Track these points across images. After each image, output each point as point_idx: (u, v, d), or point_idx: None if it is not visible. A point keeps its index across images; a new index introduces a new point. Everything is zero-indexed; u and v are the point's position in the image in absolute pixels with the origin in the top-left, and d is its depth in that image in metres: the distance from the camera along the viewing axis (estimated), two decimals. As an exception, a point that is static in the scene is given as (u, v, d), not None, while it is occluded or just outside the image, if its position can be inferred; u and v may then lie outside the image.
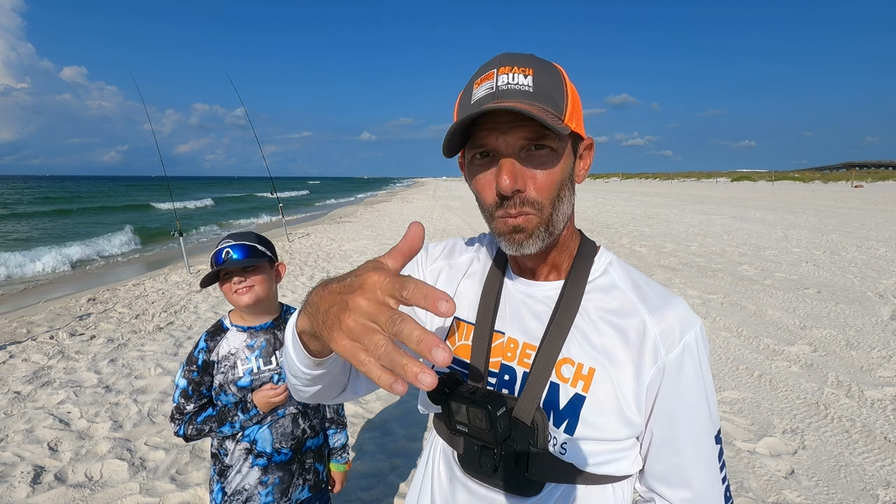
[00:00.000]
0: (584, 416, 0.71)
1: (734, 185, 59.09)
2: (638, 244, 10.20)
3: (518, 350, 0.77)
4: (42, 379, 3.95)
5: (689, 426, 0.73)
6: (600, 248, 0.83)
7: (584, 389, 0.72)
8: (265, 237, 1.54)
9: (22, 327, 5.35)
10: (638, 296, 0.76)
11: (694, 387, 0.73)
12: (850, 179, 55.61)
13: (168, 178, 8.81)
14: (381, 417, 3.35)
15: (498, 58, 0.71)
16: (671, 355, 0.72)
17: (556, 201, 0.71)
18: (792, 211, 18.10)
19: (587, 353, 0.73)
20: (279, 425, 1.51)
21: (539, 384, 0.73)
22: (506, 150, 0.69)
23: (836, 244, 9.87)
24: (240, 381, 1.47)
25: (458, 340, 0.83)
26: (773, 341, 4.59)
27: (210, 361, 1.48)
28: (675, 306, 0.75)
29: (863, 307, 5.61)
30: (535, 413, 0.72)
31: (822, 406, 3.41)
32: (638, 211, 18.73)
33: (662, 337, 0.72)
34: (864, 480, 2.64)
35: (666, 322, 0.73)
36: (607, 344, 0.73)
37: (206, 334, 1.51)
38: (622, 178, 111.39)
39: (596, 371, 0.72)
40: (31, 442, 3.05)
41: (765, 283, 6.77)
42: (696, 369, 0.73)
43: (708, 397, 0.74)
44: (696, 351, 0.73)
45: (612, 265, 0.81)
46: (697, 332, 0.74)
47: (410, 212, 19.59)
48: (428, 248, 0.93)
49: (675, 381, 0.72)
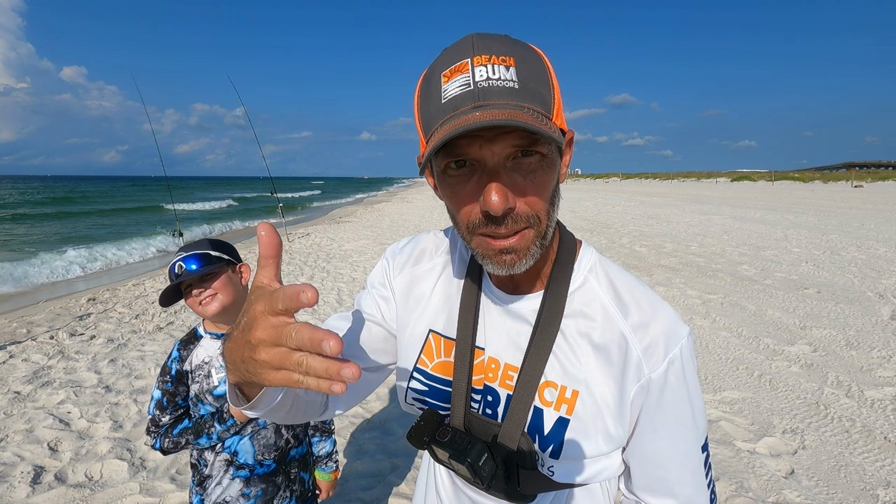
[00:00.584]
0: (568, 438, 0.70)
1: (734, 185, 59.11)
2: (638, 244, 10.20)
3: (500, 371, 0.75)
4: (42, 379, 3.95)
5: (673, 441, 0.71)
6: (581, 248, 0.77)
7: (568, 412, 0.70)
8: (222, 241, 1.49)
9: (22, 327, 5.35)
10: (620, 310, 0.72)
11: (678, 402, 0.70)
12: (850, 179, 55.62)
13: (168, 178, 8.81)
14: (381, 417, 3.35)
15: (469, 41, 0.59)
16: (655, 374, 0.69)
17: (549, 211, 0.64)
18: (792, 211, 18.10)
19: (569, 375, 0.71)
20: (261, 436, 1.44)
21: (523, 410, 0.71)
22: (491, 160, 0.59)
23: (836, 244, 9.87)
24: (216, 391, 1.41)
25: (436, 357, 0.79)
26: (773, 341, 4.59)
27: (183, 371, 1.43)
28: (660, 318, 0.71)
29: (863, 307, 5.61)
30: (521, 439, 0.70)
31: (822, 406, 3.41)
32: (638, 211, 18.73)
33: (646, 355, 0.69)
34: (864, 480, 2.64)
35: (650, 338, 0.70)
36: (590, 365, 0.71)
37: (178, 343, 1.46)
38: (622, 178, 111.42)
39: (579, 393, 0.70)
40: (31, 442, 3.05)
41: (765, 282, 6.77)
42: (681, 384, 0.70)
43: (693, 410, 0.72)
44: (682, 366, 0.70)
45: (592, 272, 0.75)
46: (683, 345, 0.70)
47: (410, 212, 19.59)
48: (389, 258, 0.88)
49: (658, 398, 0.70)
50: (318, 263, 8.57)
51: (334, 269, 8.01)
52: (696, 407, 0.72)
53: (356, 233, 12.84)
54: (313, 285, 0.44)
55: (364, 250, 9.87)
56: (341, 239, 11.61)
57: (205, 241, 1.45)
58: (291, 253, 9.69)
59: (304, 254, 9.57)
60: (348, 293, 6.48)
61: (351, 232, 13.05)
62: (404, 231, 12.98)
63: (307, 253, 9.66)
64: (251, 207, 30.77)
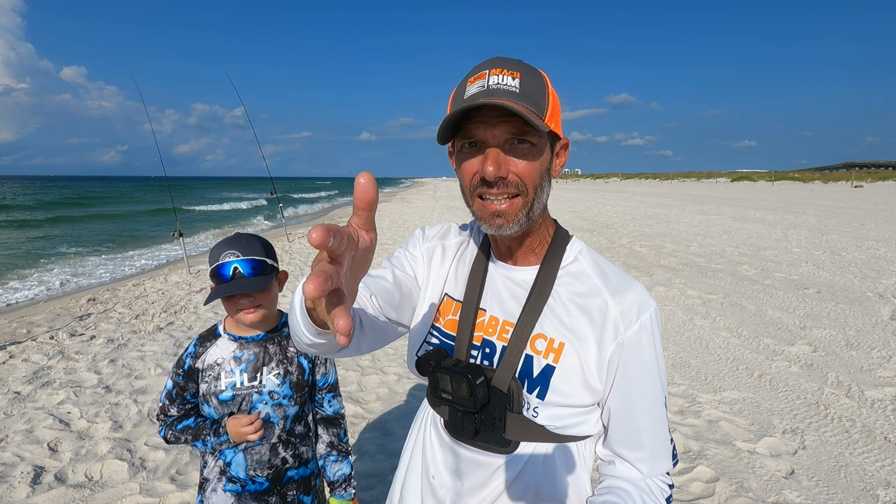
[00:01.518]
0: (553, 383, 0.82)
1: (734, 185, 59.09)
2: (638, 244, 10.20)
3: (498, 326, 0.88)
4: (42, 379, 3.95)
5: (643, 395, 0.84)
6: (573, 238, 0.94)
7: (555, 361, 0.83)
8: (269, 242, 1.42)
9: (22, 327, 5.35)
10: (602, 281, 0.87)
11: (648, 360, 0.83)
12: (850, 179, 55.59)
13: (168, 178, 8.82)
14: (381, 418, 3.35)
15: (490, 60, 0.81)
16: (629, 332, 0.82)
17: (536, 189, 0.81)
18: (792, 211, 18.10)
19: (558, 329, 0.84)
20: (255, 451, 1.38)
21: (515, 356, 0.84)
22: (492, 141, 0.78)
23: (836, 244, 9.87)
24: (221, 395, 1.36)
25: (447, 315, 0.94)
26: (773, 341, 4.59)
27: (195, 368, 1.39)
28: (634, 290, 0.86)
29: (863, 307, 5.61)
30: (511, 382, 0.83)
31: (822, 406, 3.41)
32: (638, 211, 18.72)
33: (622, 317, 0.83)
34: (865, 480, 2.64)
35: (626, 304, 0.84)
36: (575, 322, 0.84)
37: (197, 338, 1.43)
38: (622, 178, 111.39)
39: (565, 345, 0.83)
40: (31, 442, 3.05)
41: (765, 283, 6.77)
42: (650, 344, 0.84)
43: (660, 369, 0.85)
44: (651, 329, 0.84)
45: (581, 253, 0.91)
46: (652, 313, 0.84)
47: (410, 212, 19.59)
48: (425, 229, 1.06)
49: (632, 354, 0.83)
50: (318, 263, 8.57)
51: (334, 270, 8.01)
52: (661, 368, 0.86)
53: (356, 233, 12.81)
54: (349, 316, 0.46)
55: (364, 250, 9.86)
56: (341, 239, 11.59)
57: (256, 239, 1.37)
58: (291, 253, 9.70)
59: (305, 254, 9.57)
60: (348, 293, 6.47)
61: (351, 232, 13.02)
62: (404, 231, 12.98)
63: (307, 253, 9.66)
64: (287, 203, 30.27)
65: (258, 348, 1.39)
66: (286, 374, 1.39)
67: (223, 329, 1.42)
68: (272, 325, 1.43)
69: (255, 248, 1.34)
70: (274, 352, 1.40)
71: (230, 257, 1.30)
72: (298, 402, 1.41)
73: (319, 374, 1.47)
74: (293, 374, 1.40)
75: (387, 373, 4.02)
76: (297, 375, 1.41)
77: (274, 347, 1.41)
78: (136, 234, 17.39)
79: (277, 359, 1.40)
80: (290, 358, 1.41)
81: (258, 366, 1.38)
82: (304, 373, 1.43)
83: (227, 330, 1.41)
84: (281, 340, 1.42)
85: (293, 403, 1.40)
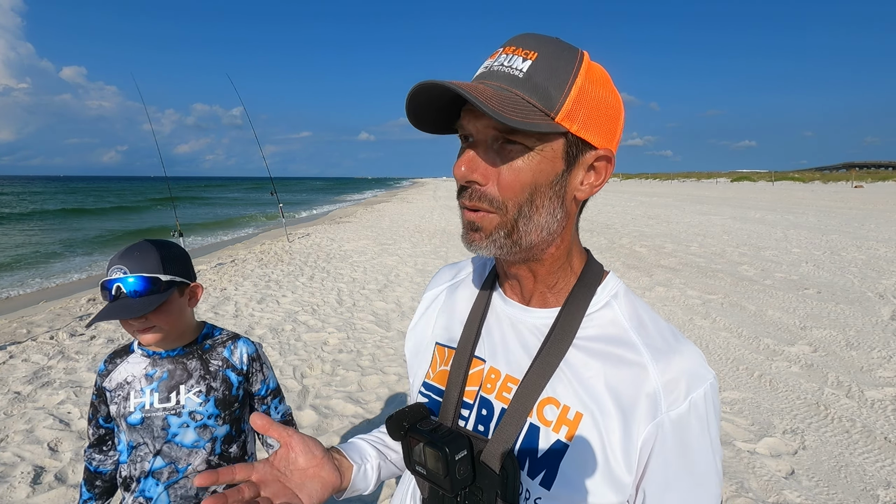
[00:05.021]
0: (563, 469, 0.62)
1: (734, 185, 59.10)
2: (638, 244, 10.20)
3: (498, 382, 0.69)
4: (42, 379, 3.95)
5: (685, 498, 0.62)
6: (608, 275, 0.72)
7: (568, 437, 0.62)
8: (174, 251, 1.21)
9: (22, 327, 5.35)
10: (642, 337, 0.65)
11: (697, 453, 0.61)
12: (850, 180, 55.60)
13: (168, 178, 8.82)
14: (381, 418, 3.35)
15: (515, 37, 0.64)
16: (673, 413, 0.60)
17: (523, 206, 0.61)
18: (792, 211, 18.10)
19: (576, 394, 0.63)
20: (179, 486, 1.21)
21: (515, 424, 0.64)
22: (478, 135, 0.62)
23: (836, 244, 9.87)
24: (129, 418, 1.19)
25: (439, 366, 0.76)
26: (774, 341, 4.59)
27: (103, 388, 1.23)
28: (686, 355, 0.63)
29: (863, 307, 5.61)
30: (506, 459, 0.62)
31: (823, 406, 3.41)
32: (638, 211, 18.72)
33: (665, 390, 0.61)
34: (865, 481, 2.64)
35: (672, 373, 0.62)
36: (599, 388, 0.63)
37: (109, 355, 1.26)
38: (622, 178, 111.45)
39: (583, 417, 0.62)
40: (32, 442, 3.05)
41: (765, 283, 6.77)
42: (704, 432, 0.61)
43: (716, 467, 0.63)
44: (705, 412, 0.61)
45: (616, 297, 0.69)
46: (708, 388, 0.62)
47: (411, 212, 19.59)
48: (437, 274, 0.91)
49: (675, 444, 0.61)
50: (318, 264, 8.57)
51: (334, 270, 8.01)
52: (717, 464, 0.63)
53: (356, 233, 12.84)
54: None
55: (364, 250, 9.87)
56: (341, 239, 11.61)
57: (153, 252, 1.16)
58: (292, 253, 9.70)
59: (304, 254, 9.57)
60: (348, 293, 6.48)
61: (351, 232, 13.04)
62: (404, 231, 12.99)
63: (307, 253, 9.66)
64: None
65: (173, 364, 1.22)
66: (209, 391, 1.22)
67: (137, 344, 1.24)
68: (189, 339, 1.26)
69: (147, 262, 1.13)
70: (193, 367, 1.23)
71: (116, 273, 1.12)
72: (228, 421, 1.25)
73: (258, 384, 1.33)
74: (218, 391, 1.23)
75: (387, 373, 4.02)
76: (223, 391, 1.24)
77: (193, 363, 1.24)
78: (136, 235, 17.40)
79: (198, 375, 1.23)
80: (213, 372, 1.24)
81: (173, 385, 1.21)
82: (233, 387, 1.26)
83: (140, 344, 1.24)
84: (202, 354, 1.26)
85: (221, 423, 1.24)
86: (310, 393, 3.70)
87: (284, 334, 4.95)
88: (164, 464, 1.20)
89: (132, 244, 1.19)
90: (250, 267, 8.35)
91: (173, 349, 1.24)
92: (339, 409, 3.46)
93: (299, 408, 3.45)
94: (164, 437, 1.20)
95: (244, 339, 1.33)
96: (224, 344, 1.29)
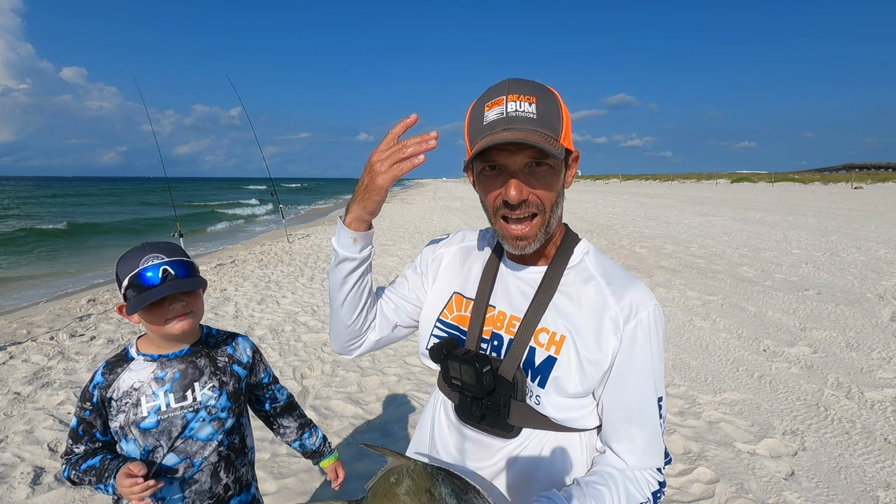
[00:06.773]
0: (553, 373, 0.89)
1: (734, 186, 59.09)
2: (638, 245, 10.20)
3: (506, 321, 0.96)
4: (42, 380, 3.95)
5: (634, 389, 0.89)
6: (581, 240, 1.01)
7: (556, 352, 0.90)
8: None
9: (22, 328, 5.35)
10: (605, 280, 0.94)
11: (642, 356, 0.89)
12: (850, 181, 55.60)
13: (168, 178, 8.82)
14: (381, 419, 3.35)
15: (506, 84, 0.86)
16: (628, 328, 0.88)
17: (553, 207, 0.89)
18: (792, 212, 18.11)
19: (560, 323, 0.91)
20: (192, 481, 1.23)
21: (520, 348, 0.91)
22: (513, 167, 0.85)
23: (836, 245, 9.87)
24: (143, 423, 1.19)
25: (457, 311, 1.03)
26: (773, 343, 4.59)
27: (107, 399, 1.20)
28: (635, 289, 0.92)
29: (863, 308, 5.61)
30: (516, 372, 0.90)
31: (823, 407, 3.41)
32: (638, 212, 18.73)
33: (622, 314, 0.89)
34: (865, 482, 2.64)
35: (625, 301, 0.90)
36: (576, 317, 0.91)
37: (104, 366, 1.23)
38: (622, 179, 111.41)
39: (566, 338, 0.90)
40: (31, 443, 3.05)
41: (765, 284, 6.78)
42: (646, 341, 0.89)
43: (654, 367, 0.90)
44: (648, 326, 0.89)
45: (588, 254, 0.99)
46: (651, 311, 0.90)
47: (410, 213, 19.58)
48: (434, 243, 1.16)
49: (628, 350, 0.88)
50: (318, 264, 8.58)
51: (334, 270, 8.01)
52: (657, 366, 0.91)
53: (356, 234, 12.81)
54: None
55: (364, 251, 9.86)
56: (341, 240, 11.59)
57: (177, 246, 1.25)
58: (292, 254, 9.70)
59: (304, 255, 9.57)
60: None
61: (351, 233, 13.02)
62: (404, 231, 12.99)
63: (307, 254, 9.66)
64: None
65: (183, 364, 1.25)
66: (222, 386, 1.28)
67: (136, 351, 1.26)
68: (196, 338, 1.31)
69: (179, 251, 1.22)
70: (203, 365, 1.28)
71: (154, 260, 1.15)
72: (235, 414, 1.31)
73: (262, 373, 1.41)
74: (229, 385, 1.29)
75: (387, 374, 4.02)
76: (232, 385, 1.30)
77: (202, 360, 1.29)
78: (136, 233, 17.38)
79: (209, 371, 1.28)
80: (222, 368, 1.31)
81: (187, 383, 1.24)
82: (240, 380, 1.33)
83: (141, 351, 1.25)
84: (209, 352, 1.31)
85: (231, 415, 1.30)
86: (309, 394, 3.70)
87: (284, 335, 4.95)
88: (178, 460, 1.23)
89: (147, 242, 1.23)
90: (250, 268, 8.36)
91: (181, 349, 1.27)
92: (339, 409, 3.46)
93: (299, 408, 3.45)
94: (180, 434, 1.23)
95: (242, 336, 1.42)
96: (226, 342, 1.37)
